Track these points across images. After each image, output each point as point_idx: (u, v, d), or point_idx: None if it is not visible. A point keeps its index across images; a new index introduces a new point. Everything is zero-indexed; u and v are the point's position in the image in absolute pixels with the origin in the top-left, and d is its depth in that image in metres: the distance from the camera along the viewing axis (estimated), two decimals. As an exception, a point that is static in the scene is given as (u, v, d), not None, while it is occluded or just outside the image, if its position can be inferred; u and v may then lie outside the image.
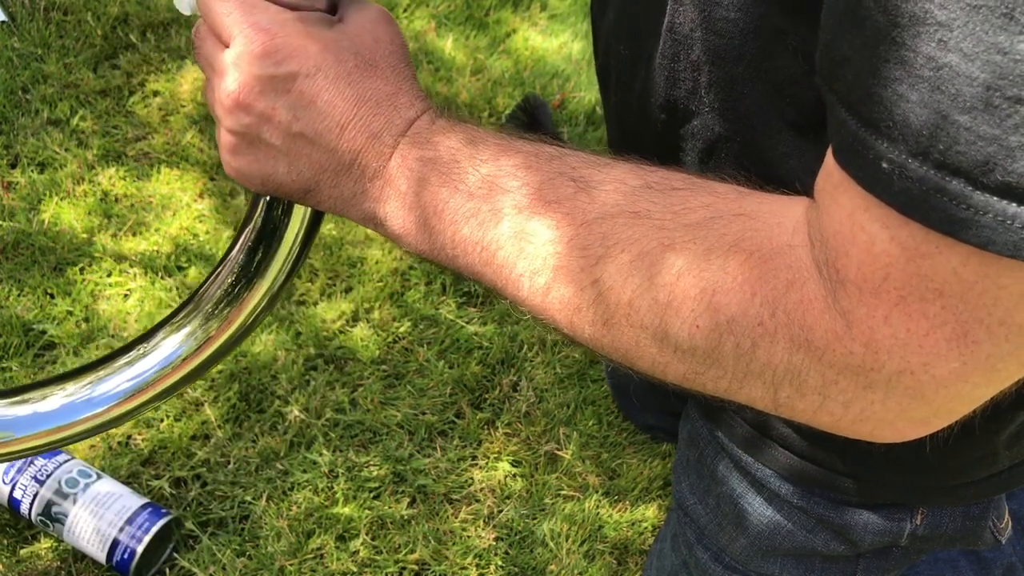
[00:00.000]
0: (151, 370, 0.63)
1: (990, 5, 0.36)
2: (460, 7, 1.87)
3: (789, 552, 0.84)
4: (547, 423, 1.32)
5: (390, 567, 1.16)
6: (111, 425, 0.64)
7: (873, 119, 0.41)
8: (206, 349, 0.63)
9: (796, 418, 0.51)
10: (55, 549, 1.12)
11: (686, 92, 0.64)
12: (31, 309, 1.31)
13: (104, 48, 1.62)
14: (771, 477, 0.80)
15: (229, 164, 0.61)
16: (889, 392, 0.46)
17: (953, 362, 0.44)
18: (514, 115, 1.67)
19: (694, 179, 0.53)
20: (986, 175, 0.38)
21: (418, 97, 0.59)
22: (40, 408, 0.62)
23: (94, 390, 0.62)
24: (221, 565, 1.13)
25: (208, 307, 0.63)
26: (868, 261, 0.43)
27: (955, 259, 0.41)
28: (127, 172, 1.48)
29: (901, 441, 0.50)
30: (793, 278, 0.47)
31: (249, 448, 1.23)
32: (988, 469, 0.75)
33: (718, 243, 0.49)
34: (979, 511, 0.80)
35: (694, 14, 0.59)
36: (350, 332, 1.36)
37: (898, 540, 0.80)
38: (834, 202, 0.45)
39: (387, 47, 0.59)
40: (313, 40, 0.57)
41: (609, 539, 1.23)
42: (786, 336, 0.47)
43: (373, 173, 0.58)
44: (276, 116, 0.57)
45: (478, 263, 0.56)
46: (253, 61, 0.56)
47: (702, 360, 0.50)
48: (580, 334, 0.55)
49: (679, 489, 0.93)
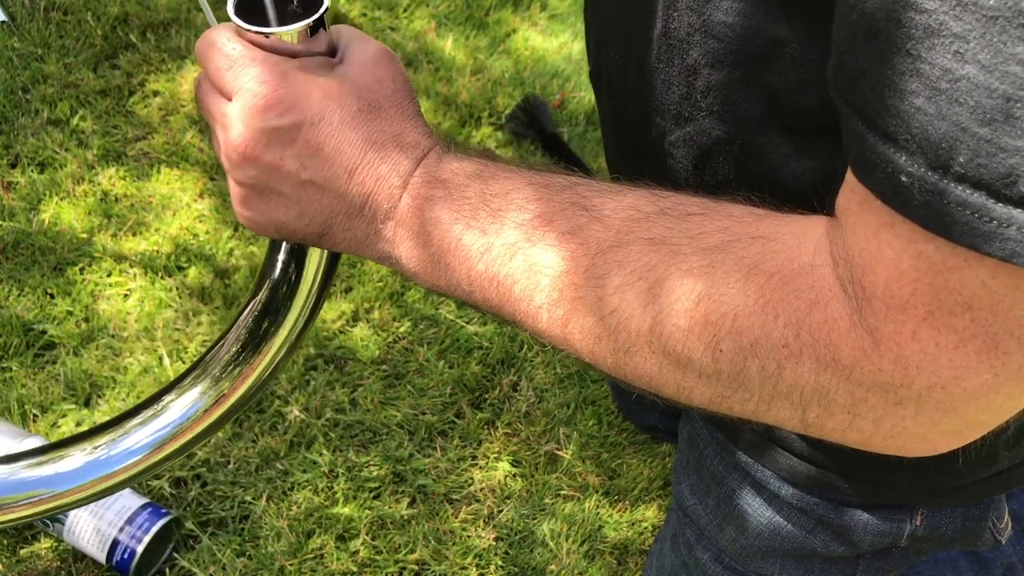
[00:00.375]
0: (186, 415, 0.63)
1: (1007, 16, 0.36)
2: (460, 7, 1.87)
3: (789, 553, 0.84)
4: (547, 423, 1.32)
5: (390, 567, 1.16)
6: (145, 475, 0.64)
7: (891, 132, 0.41)
8: (234, 393, 0.63)
9: (826, 437, 0.51)
10: (55, 549, 1.12)
11: (680, 97, 0.63)
12: (31, 309, 1.31)
13: (104, 48, 1.62)
14: (771, 478, 0.80)
15: (242, 215, 0.61)
16: (920, 407, 0.46)
17: (984, 374, 0.43)
18: (514, 115, 1.67)
19: (709, 203, 0.53)
20: (1008, 187, 0.38)
21: (424, 135, 0.59)
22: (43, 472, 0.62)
23: (142, 430, 0.63)
24: (221, 565, 1.13)
25: (226, 359, 0.64)
26: (895, 278, 0.43)
27: (983, 272, 0.41)
28: (127, 172, 1.48)
29: (934, 455, 0.50)
30: (816, 298, 0.46)
31: (249, 448, 1.23)
32: (988, 470, 0.75)
33: (737, 266, 0.49)
34: (979, 512, 0.80)
35: (691, 18, 0.59)
36: (350, 332, 1.36)
37: (898, 541, 0.80)
38: (858, 220, 0.45)
39: (390, 86, 0.59)
40: (315, 87, 0.57)
41: (609, 539, 1.23)
42: (812, 356, 0.47)
43: (385, 215, 0.58)
44: (284, 166, 0.57)
45: (495, 298, 0.56)
46: (256, 115, 0.56)
47: (727, 384, 0.50)
48: (602, 363, 0.54)
49: (679, 490, 0.93)
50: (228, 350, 0.64)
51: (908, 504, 0.78)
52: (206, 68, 0.59)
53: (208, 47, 0.58)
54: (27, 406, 1.22)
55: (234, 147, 0.57)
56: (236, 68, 0.57)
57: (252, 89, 0.56)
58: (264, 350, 0.64)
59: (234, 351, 0.63)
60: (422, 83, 1.70)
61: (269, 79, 0.56)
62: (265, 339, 0.64)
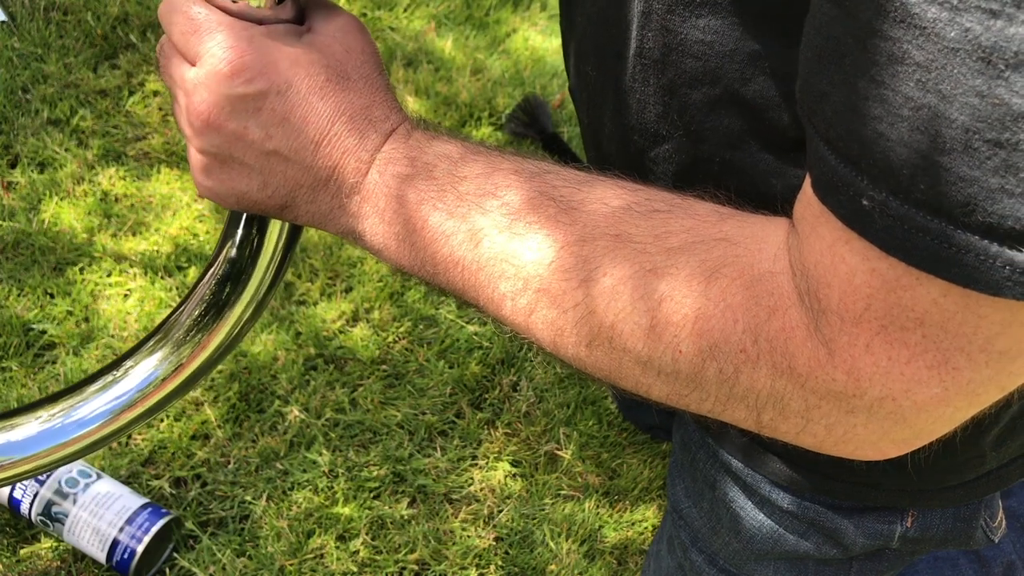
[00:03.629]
0: (146, 381, 0.62)
1: (967, 49, 0.36)
2: (460, 7, 1.87)
3: (782, 556, 0.85)
4: (547, 423, 1.32)
5: (390, 567, 1.16)
6: (105, 442, 0.64)
7: (853, 156, 0.41)
8: (193, 361, 0.63)
9: (780, 438, 0.51)
10: (55, 549, 1.12)
11: (658, 115, 0.63)
12: (31, 309, 1.31)
13: (104, 48, 1.62)
14: (761, 482, 0.80)
15: (202, 184, 0.60)
16: (871, 416, 0.47)
17: (934, 388, 0.44)
18: (514, 115, 1.67)
19: (675, 199, 0.53)
20: (967, 215, 0.38)
21: (393, 109, 0.58)
22: (12, 437, 0.62)
23: (89, 402, 0.62)
24: (221, 565, 1.13)
25: (187, 326, 0.63)
26: (849, 292, 0.44)
27: (935, 291, 0.41)
28: (127, 172, 1.48)
29: (883, 459, 0.51)
30: (775, 305, 0.47)
31: (249, 448, 1.23)
32: (976, 470, 0.75)
33: (700, 268, 0.49)
34: (969, 512, 0.80)
35: (667, 38, 0.58)
36: (350, 332, 1.36)
37: (889, 543, 0.80)
38: (814, 232, 0.45)
39: (359, 57, 0.58)
40: (282, 55, 0.56)
41: (609, 539, 1.23)
42: (768, 363, 0.47)
43: (350, 189, 0.57)
44: (248, 135, 0.56)
45: (459, 282, 0.56)
46: (222, 81, 0.54)
47: (685, 383, 0.51)
48: (563, 354, 0.55)
49: (674, 492, 0.93)
50: (190, 314, 0.63)
51: (898, 506, 0.78)
52: (170, 32, 0.57)
53: (172, 10, 0.57)
54: (27, 406, 1.22)
55: (197, 114, 0.56)
56: (201, 32, 0.55)
57: (217, 54, 0.54)
58: (206, 342, 0.63)
59: (196, 315, 0.63)
60: (422, 83, 1.70)
61: (235, 44, 0.55)
62: (224, 309, 0.63)
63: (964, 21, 0.36)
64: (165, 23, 0.58)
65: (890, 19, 0.38)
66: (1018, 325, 0.42)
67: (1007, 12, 0.35)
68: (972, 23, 0.36)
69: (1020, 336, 0.42)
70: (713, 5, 0.55)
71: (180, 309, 0.63)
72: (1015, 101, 0.36)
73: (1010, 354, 0.43)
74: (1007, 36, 0.35)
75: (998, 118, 0.36)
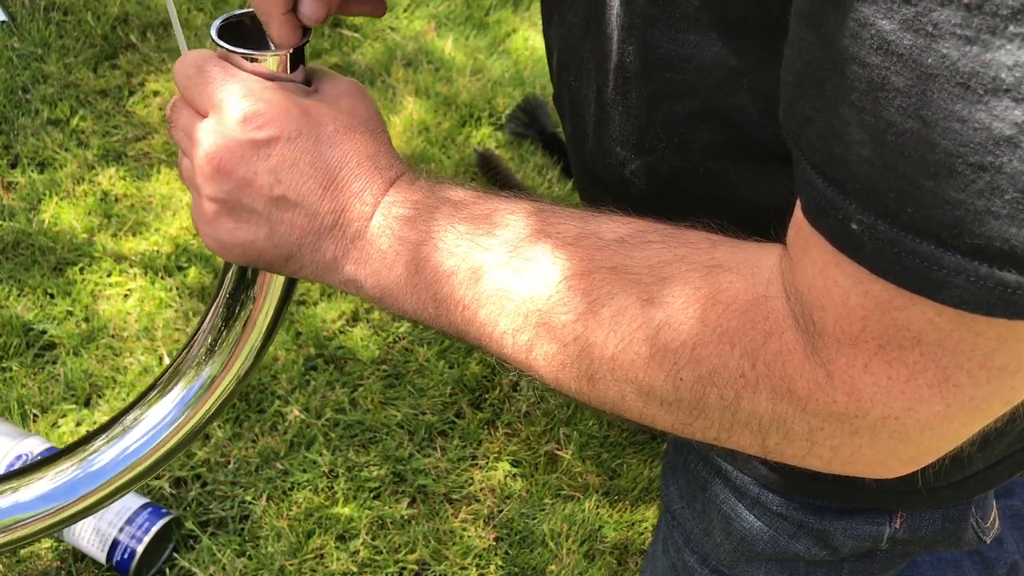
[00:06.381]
0: (148, 435, 0.64)
1: (945, 75, 0.36)
2: (460, 7, 1.87)
3: (773, 557, 0.85)
4: (547, 423, 1.31)
5: (390, 567, 1.16)
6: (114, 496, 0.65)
7: (840, 180, 0.41)
8: (188, 422, 0.64)
9: (787, 461, 0.52)
10: (55, 549, 1.12)
11: (640, 128, 0.63)
12: (31, 309, 1.31)
13: (104, 48, 1.62)
14: (751, 484, 0.80)
15: (208, 235, 0.61)
16: (875, 436, 0.47)
17: (936, 406, 0.44)
18: (514, 115, 1.67)
19: (668, 230, 0.54)
20: (956, 238, 0.38)
21: (397, 160, 0.60)
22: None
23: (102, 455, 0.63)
24: (221, 565, 1.13)
25: (184, 386, 0.64)
26: (844, 314, 0.44)
27: (929, 311, 0.41)
28: (127, 172, 1.48)
29: (893, 477, 0.51)
30: (771, 329, 0.47)
31: (249, 448, 1.23)
32: (961, 472, 0.75)
33: (695, 296, 0.49)
34: (958, 513, 0.80)
35: (648, 51, 0.59)
36: (350, 332, 1.36)
37: (878, 544, 0.80)
38: (805, 255, 0.45)
39: (363, 114, 0.60)
40: (293, 106, 0.58)
41: (609, 539, 1.23)
42: (768, 387, 0.48)
43: (355, 233, 0.58)
44: (257, 180, 0.57)
45: (460, 321, 0.57)
46: (234, 126, 0.56)
47: (688, 411, 0.51)
48: (567, 389, 0.55)
49: (667, 493, 0.93)
50: (177, 382, 0.64)
51: (886, 508, 0.79)
52: (184, 88, 0.59)
53: (187, 67, 0.59)
54: (27, 406, 1.22)
55: (208, 158, 0.57)
56: (215, 84, 0.57)
57: (230, 102, 0.57)
58: (204, 400, 0.64)
59: (184, 390, 0.64)
60: (422, 83, 1.70)
61: (249, 94, 0.57)
62: (209, 385, 0.64)
63: (941, 48, 0.36)
64: (179, 79, 0.59)
65: (867, 47, 0.38)
66: (1015, 341, 0.42)
67: (982, 39, 0.35)
68: (949, 49, 0.36)
69: (1018, 351, 0.42)
70: (693, 20, 0.56)
71: (173, 366, 0.64)
72: (996, 125, 0.36)
73: (1010, 369, 0.43)
74: (984, 62, 0.35)
75: (980, 142, 0.36)
